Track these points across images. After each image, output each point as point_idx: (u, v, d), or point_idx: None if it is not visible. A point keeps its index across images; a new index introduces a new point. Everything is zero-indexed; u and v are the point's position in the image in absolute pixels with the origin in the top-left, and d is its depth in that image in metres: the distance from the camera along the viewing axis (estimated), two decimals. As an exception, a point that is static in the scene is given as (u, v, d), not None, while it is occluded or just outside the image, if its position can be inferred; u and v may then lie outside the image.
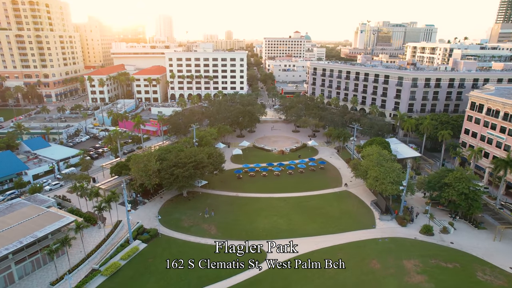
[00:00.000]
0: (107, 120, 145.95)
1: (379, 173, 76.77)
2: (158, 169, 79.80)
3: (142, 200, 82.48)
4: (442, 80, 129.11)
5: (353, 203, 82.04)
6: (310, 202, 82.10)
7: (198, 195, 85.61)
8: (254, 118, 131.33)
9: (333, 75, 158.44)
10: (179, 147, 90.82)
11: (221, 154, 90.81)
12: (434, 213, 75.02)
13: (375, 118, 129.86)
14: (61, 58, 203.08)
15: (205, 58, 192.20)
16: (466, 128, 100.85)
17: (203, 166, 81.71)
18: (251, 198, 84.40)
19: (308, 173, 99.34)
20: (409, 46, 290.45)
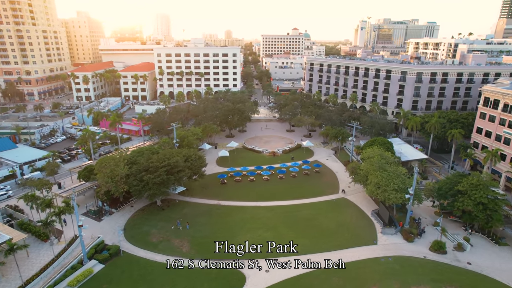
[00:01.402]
0: (88, 120, 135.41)
1: (381, 179, 66.13)
2: (127, 175, 69.32)
3: (109, 210, 71.85)
4: (449, 74, 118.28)
5: (351, 214, 71.29)
6: (302, 212, 71.41)
7: (174, 204, 74.95)
8: (244, 117, 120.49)
9: (331, 71, 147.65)
10: (153, 149, 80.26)
11: (201, 157, 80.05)
12: (446, 226, 64.31)
13: (376, 116, 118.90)
14: (45, 54, 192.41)
15: (195, 54, 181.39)
16: (478, 126, 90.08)
17: (179, 171, 71.11)
18: (234, 207, 73.76)
19: (301, 178, 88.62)
20: (411, 42, 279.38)
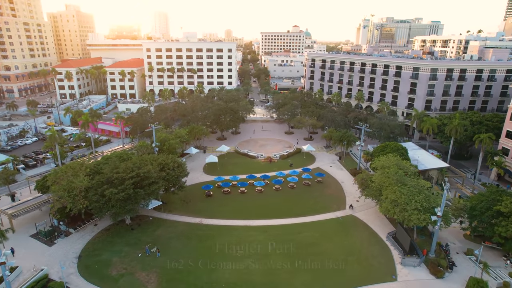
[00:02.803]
0: (66, 119, 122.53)
1: (399, 196, 53.28)
2: (87, 188, 56.38)
3: (66, 230, 58.84)
4: (467, 71, 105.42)
5: (362, 237, 58.25)
6: (302, 235, 58.37)
7: (146, 222, 61.92)
8: (237, 117, 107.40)
9: (334, 67, 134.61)
10: (124, 154, 67.20)
11: (182, 165, 66.85)
12: (481, 255, 51.28)
13: (386, 117, 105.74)
14: (27, 48, 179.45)
15: (188, 49, 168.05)
16: (508, 130, 77.20)
17: (151, 183, 58.14)
18: (219, 227, 60.71)
19: (301, 189, 75.58)
20: (417, 40, 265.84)
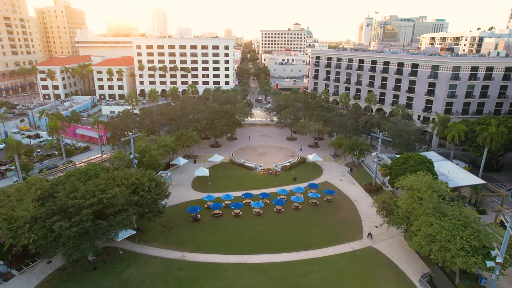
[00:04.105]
0: (42, 123, 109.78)
1: (439, 230, 40.67)
2: (33, 217, 43.66)
3: (6, 272, 45.99)
4: (494, 69, 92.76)
5: (387, 280, 45.39)
6: (311, 276, 45.58)
7: (114, 257, 49.11)
8: (233, 122, 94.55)
9: (341, 66, 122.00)
10: (90, 170, 54.27)
11: (161, 184, 53.69)
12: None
13: (401, 122, 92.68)
14: (8, 45, 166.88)
15: (181, 46, 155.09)
16: (556, 140, 64.60)
17: (117, 211, 45.37)
18: (206, 266, 47.89)
19: (307, 211, 62.78)
20: (425, 37, 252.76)
